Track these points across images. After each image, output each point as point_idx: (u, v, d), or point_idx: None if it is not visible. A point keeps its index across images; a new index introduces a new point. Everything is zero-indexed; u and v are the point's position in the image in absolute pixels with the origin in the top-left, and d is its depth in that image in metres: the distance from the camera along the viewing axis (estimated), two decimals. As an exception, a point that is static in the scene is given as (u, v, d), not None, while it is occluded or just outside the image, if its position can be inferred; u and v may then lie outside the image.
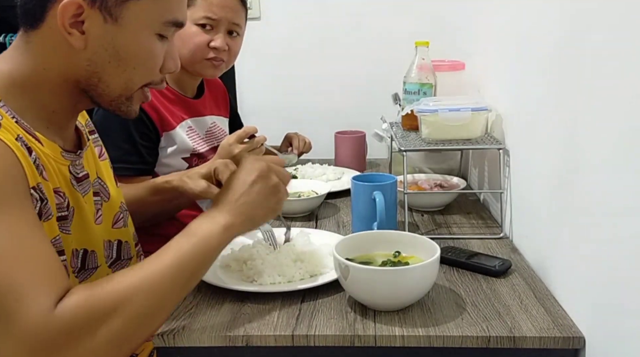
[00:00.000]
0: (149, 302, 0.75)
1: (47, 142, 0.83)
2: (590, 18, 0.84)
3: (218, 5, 1.44)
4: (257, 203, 0.89)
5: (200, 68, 1.49)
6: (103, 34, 0.80)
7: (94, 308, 0.71)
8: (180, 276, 0.79)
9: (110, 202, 0.99)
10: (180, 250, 0.80)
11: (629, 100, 0.72)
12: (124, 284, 0.74)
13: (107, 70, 0.83)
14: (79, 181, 0.90)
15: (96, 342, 0.70)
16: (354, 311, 0.92)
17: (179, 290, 0.80)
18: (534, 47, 1.10)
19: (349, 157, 1.82)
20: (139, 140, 1.38)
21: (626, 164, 0.73)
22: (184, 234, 0.83)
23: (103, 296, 0.72)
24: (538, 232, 1.08)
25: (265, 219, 0.92)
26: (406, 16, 2.12)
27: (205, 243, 0.83)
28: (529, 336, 0.84)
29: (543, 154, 1.04)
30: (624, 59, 0.74)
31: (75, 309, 0.70)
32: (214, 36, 1.45)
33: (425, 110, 1.30)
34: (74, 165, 0.89)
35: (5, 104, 0.79)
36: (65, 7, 0.77)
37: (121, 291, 0.73)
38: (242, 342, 0.87)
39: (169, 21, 0.86)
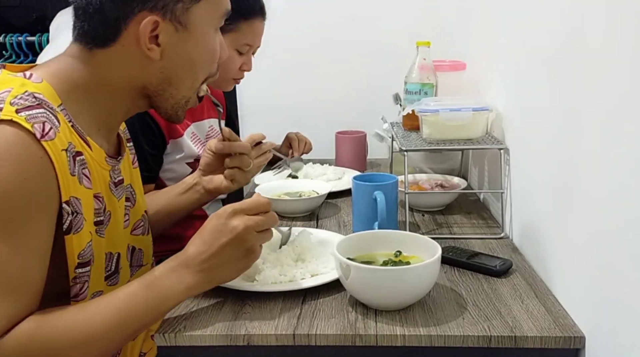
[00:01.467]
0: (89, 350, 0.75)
1: (96, 147, 0.85)
2: (591, 18, 0.84)
3: (258, 33, 1.53)
4: (225, 266, 0.85)
5: (224, 84, 1.58)
6: (176, 42, 0.85)
7: (34, 347, 0.72)
8: (126, 327, 0.78)
9: (136, 208, 1.00)
10: (135, 300, 0.79)
11: (629, 99, 0.72)
12: (66, 329, 0.74)
13: (180, 74, 0.87)
14: (116, 185, 0.92)
15: None
16: (355, 311, 0.93)
17: (122, 339, 0.80)
18: (535, 47, 1.10)
19: (349, 157, 1.82)
20: (146, 148, 1.39)
21: (626, 163, 0.73)
22: (144, 283, 0.81)
23: (45, 339, 0.73)
24: (539, 232, 1.08)
25: (227, 280, 0.90)
26: (407, 16, 2.12)
27: (162, 301, 0.81)
28: (530, 336, 0.85)
29: (543, 154, 1.05)
30: (624, 58, 0.74)
31: (22, 347, 0.71)
32: (245, 60, 1.54)
33: (426, 110, 1.30)
34: (113, 170, 0.91)
35: (65, 108, 0.80)
36: (145, 27, 0.81)
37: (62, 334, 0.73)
38: (244, 342, 0.87)
39: (223, 14, 0.91)
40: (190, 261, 0.84)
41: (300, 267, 1.03)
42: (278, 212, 1.42)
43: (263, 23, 1.53)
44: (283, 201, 1.43)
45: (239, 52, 1.51)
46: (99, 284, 0.86)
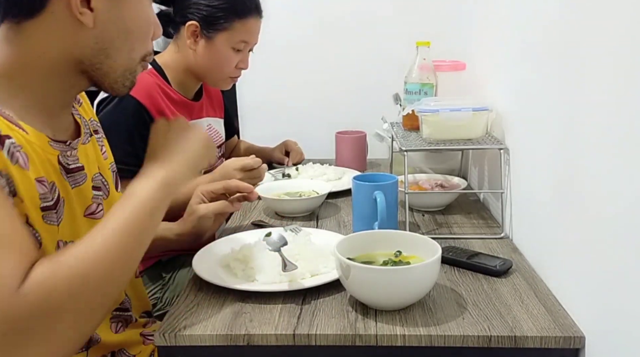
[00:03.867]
0: (106, 270, 0.75)
1: (33, 132, 0.81)
2: (591, 18, 0.84)
3: (254, 31, 1.53)
4: (188, 153, 0.90)
5: (221, 83, 1.59)
6: (110, 7, 0.81)
7: (55, 283, 0.70)
8: (129, 236, 0.78)
9: (110, 199, 0.99)
10: (124, 213, 0.79)
11: (629, 100, 0.72)
12: (77, 257, 0.73)
13: (115, 44, 0.83)
14: (70, 172, 0.88)
15: (63, 316, 0.70)
16: (355, 310, 0.93)
17: (130, 252, 0.79)
18: (535, 46, 1.10)
19: (349, 157, 1.82)
20: (139, 143, 1.38)
21: (626, 163, 0.73)
22: (125, 198, 0.82)
23: (64, 272, 0.71)
24: (539, 232, 1.08)
25: (199, 167, 0.94)
26: (407, 16, 2.12)
27: (146, 201, 0.82)
28: (530, 336, 0.85)
29: (543, 154, 1.05)
30: (625, 58, 0.74)
31: (40, 285, 0.69)
32: (241, 58, 1.54)
33: (426, 110, 1.30)
34: (64, 156, 0.87)
35: None
36: None
37: (79, 265, 0.73)
38: (244, 342, 0.87)
39: None
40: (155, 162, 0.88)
41: (300, 267, 1.02)
42: (278, 212, 1.43)
43: (259, 21, 1.54)
44: (283, 201, 1.43)
45: (235, 50, 1.51)
46: None
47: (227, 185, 1.19)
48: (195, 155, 0.93)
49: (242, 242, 1.15)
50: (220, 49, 1.50)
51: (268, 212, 1.46)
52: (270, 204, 1.45)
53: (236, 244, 1.14)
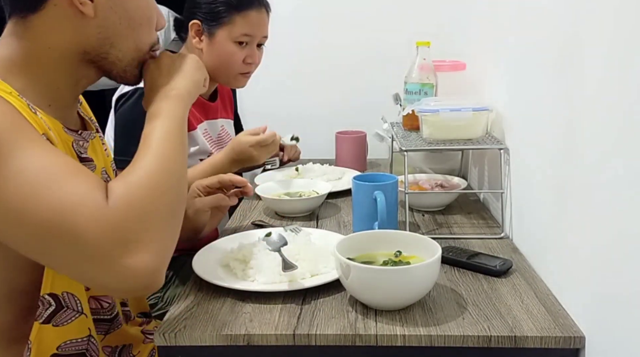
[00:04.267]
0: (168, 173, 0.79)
1: (49, 118, 0.84)
2: (591, 17, 0.84)
3: (255, 23, 1.52)
4: (184, 71, 0.93)
5: (234, 81, 1.58)
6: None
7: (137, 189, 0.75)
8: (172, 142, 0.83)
9: None
10: (160, 126, 0.84)
11: (629, 99, 0.72)
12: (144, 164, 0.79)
13: (119, 32, 0.86)
14: (82, 160, 0.90)
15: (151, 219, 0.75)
16: (355, 310, 0.93)
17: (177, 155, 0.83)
18: (535, 46, 1.10)
19: (349, 157, 1.82)
20: None
21: (626, 163, 0.73)
22: (151, 118, 0.86)
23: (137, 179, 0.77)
24: (539, 232, 1.08)
25: (199, 80, 0.97)
26: (407, 16, 2.12)
27: (171, 112, 0.86)
28: (530, 336, 0.85)
29: (543, 154, 1.05)
30: (624, 58, 0.74)
31: (125, 195, 0.73)
32: (248, 52, 1.53)
33: (426, 110, 1.30)
34: (77, 145, 0.90)
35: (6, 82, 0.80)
36: None
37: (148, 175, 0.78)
38: (244, 342, 0.87)
39: None
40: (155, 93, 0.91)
41: (300, 267, 1.02)
42: (278, 212, 1.43)
43: (262, 13, 1.53)
44: (283, 201, 1.43)
45: (238, 44, 1.51)
46: None
47: (222, 179, 1.20)
48: (192, 69, 0.95)
49: (242, 242, 1.15)
50: (222, 44, 1.50)
51: (268, 212, 1.46)
52: (270, 204, 1.45)
53: (236, 244, 1.14)
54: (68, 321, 0.86)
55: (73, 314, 0.87)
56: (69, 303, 0.86)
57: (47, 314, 0.84)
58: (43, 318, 0.84)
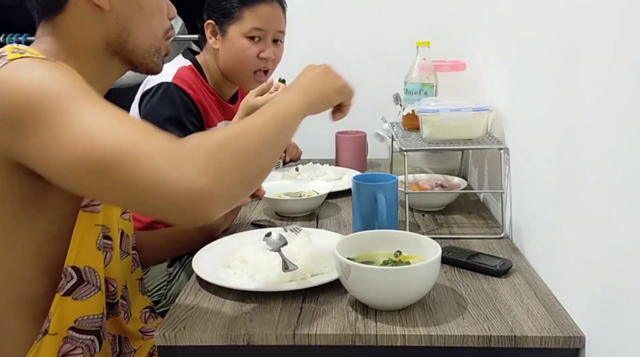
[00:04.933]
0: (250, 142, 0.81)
1: None
2: (591, 17, 0.84)
3: (266, 17, 1.53)
4: (320, 83, 1.03)
5: (247, 81, 1.58)
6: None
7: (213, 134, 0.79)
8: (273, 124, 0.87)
9: None
10: (265, 112, 0.89)
11: (629, 100, 0.72)
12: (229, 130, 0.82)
13: (134, 21, 0.92)
14: None
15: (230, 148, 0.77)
16: (355, 310, 0.93)
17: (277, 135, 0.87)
18: (535, 46, 1.10)
19: (349, 157, 1.82)
20: (189, 126, 1.44)
21: (626, 162, 0.73)
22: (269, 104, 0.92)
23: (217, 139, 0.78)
24: (539, 232, 1.08)
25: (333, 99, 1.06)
26: (407, 16, 2.12)
27: (285, 109, 0.91)
28: (530, 336, 0.85)
29: (543, 154, 1.05)
30: (624, 58, 0.74)
31: (198, 141, 0.76)
32: (262, 47, 1.54)
33: (427, 110, 1.30)
34: None
35: None
36: None
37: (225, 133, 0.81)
38: (244, 341, 0.87)
39: None
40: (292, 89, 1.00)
41: (300, 267, 1.02)
42: (278, 212, 1.43)
43: (274, 7, 1.54)
44: (283, 201, 1.43)
45: (251, 39, 1.52)
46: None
47: None
48: (332, 91, 1.05)
49: (242, 242, 1.15)
50: (234, 39, 1.52)
51: (268, 212, 1.46)
52: (270, 204, 1.45)
53: (236, 244, 1.14)
54: (87, 295, 0.91)
55: (92, 289, 0.92)
56: (89, 277, 0.91)
57: (69, 287, 0.89)
58: (64, 290, 0.88)
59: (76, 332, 0.90)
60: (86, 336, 0.92)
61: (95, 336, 0.93)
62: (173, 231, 1.23)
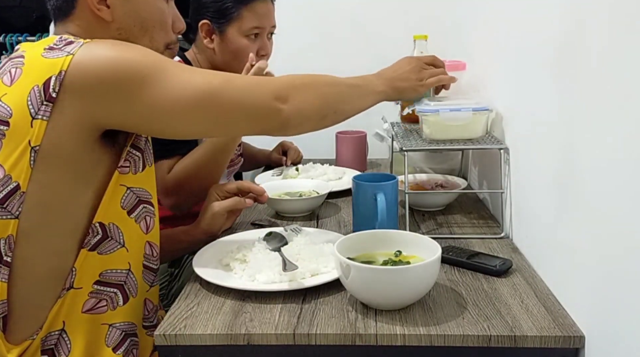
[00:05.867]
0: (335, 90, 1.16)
1: None
2: (591, 18, 0.84)
3: (263, 14, 1.53)
4: (406, 80, 1.23)
5: None
6: (124, 2, 0.96)
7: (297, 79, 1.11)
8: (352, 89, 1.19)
9: None
10: (351, 79, 1.19)
11: (629, 100, 0.72)
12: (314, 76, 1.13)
13: (135, 34, 0.98)
14: None
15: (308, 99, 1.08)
16: (355, 310, 0.93)
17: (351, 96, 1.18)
18: (535, 46, 1.10)
19: (350, 157, 1.82)
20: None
21: (626, 162, 0.73)
22: (359, 76, 1.19)
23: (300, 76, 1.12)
24: (539, 232, 1.08)
25: (407, 94, 1.26)
26: (406, 15, 2.12)
27: (366, 84, 1.20)
28: (530, 335, 0.85)
29: (543, 154, 1.05)
30: (625, 59, 0.74)
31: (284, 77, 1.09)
32: (261, 44, 1.55)
33: (427, 110, 1.30)
34: None
35: None
36: None
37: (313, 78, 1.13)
38: (244, 341, 0.87)
39: None
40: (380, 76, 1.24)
41: (300, 267, 1.03)
42: (278, 212, 1.43)
43: (267, 3, 1.54)
44: (283, 201, 1.43)
45: (250, 38, 1.52)
46: None
47: (241, 186, 1.26)
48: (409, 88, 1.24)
49: (242, 242, 1.15)
50: (234, 40, 1.52)
51: (268, 212, 1.46)
52: (270, 204, 1.45)
53: (236, 244, 1.14)
54: (111, 250, 0.96)
55: (115, 245, 0.95)
56: (113, 234, 0.94)
57: (94, 242, 0.93)
58: (90, 245, 0.92)
59: (100, 286, 0.94)
60: (110, 288, 0.96)
61: (119, 289, 0.97)
62: (174, 232, 1.23)
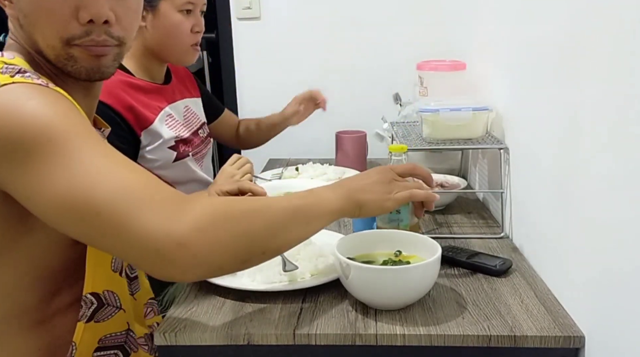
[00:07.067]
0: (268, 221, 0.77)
1: None
2: (591, 17, 0.84)
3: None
4: (372, 193, 0.91)
5: (185, 56, 1.51)
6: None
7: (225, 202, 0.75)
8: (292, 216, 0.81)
9: None
10: (294, 199, 0.84)
11: (629, 99, 0.72)
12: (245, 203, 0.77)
13: (33, 22, 0.82)
14: None
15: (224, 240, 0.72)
16: (355, 310, 0.93)
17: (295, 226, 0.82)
18: (535, 46, 1.10)
19: (350, 157, 1.82)
20: (117, 143, 1.34)
21: (626, 162, 0.73)
22: (306, 191, 0.87)
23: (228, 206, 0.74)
24: (538, 232, 1.08)
25: (372, 211, 0.92)
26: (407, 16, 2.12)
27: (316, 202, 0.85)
28: (530, 335, 0.85)
29: (543, 154, 1.05)
30: (625, 59, 0.74)
31: (207, 202, 0.72)
32: (194, 21, 1.48)
33: (427, 110, 1.30)
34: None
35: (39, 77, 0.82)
36: None
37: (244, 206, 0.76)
38: (244, 341, 0.87)
39: None
40: (342, 185, 0.91)
41: (300, 267, 1.02)
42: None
43: None
44: (283, 201, 1.42)
45: (184, 13, 1.47)
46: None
47: (242, 187, 1.22)
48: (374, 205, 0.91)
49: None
50: (168, 15, 1.46)
51: (268, 212, 1.45)
52: (270, 204, 1.45)
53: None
54: (109, 316, 0.90)
55: (113, 310, 0.91)
56: (109, 300, 0.90)
57: (90, 313, 0.88)
58: (87, 317, 0.87)
59: (100, 351, 0.90)
60: (110, 351, 0.91)
61: (120, 349, 0.93)
62: None
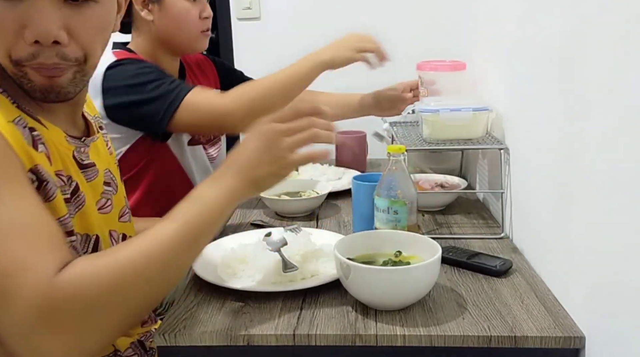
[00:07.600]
0: (153, 271, 0.74)
1: (51, 126, 0.85)
2: (591, 17, 0.84)
3: None
4: (259, 167, 0.86)
5: (196, 43, 1.51)
6: None
7: (98, 276, 0.70)
8: (185, 242, 0.78)
9: (119, 194, 1.01)
10: (186, 216, 0.80)
11: (629, 98, 0.72)
12: (127, 253, 0.74)
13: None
14: (83, 167, 0.91)
15: (101, 311, 0.70)
16: (355, 311, 0.93)
17: (184, 256, 0.79)
18: (535, 46, 1.10)
19: (349, 157, 1.82)
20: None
21: (626, 163, 0.73)
22: (189, 200, 0.82)
23: (107, 266, 0.72)
24: (539, 232, 1.08)
25: (269, 184, 0.89)
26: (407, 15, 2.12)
27: (210, 209, 0.82)
28: (530, 336, 0.85)
29: (543, 154, 1.05)
30: (625, 59, 0.74)
31: (79, 277, 0.69)
32: (201, 7, 1.47)
33: (427, 110, 1.30)
34: (78, 152, 0.90)
35: (5, 90, 0.80)
36: None
37: (124, 261, 0.73)
38: (244, 342, 0.87)
39: None
40: (225, 169, 0.86)
41: (300, 267, 1.02)
42: (278, 212, 1.43)
43: None
44: (283, 201, 1.43)
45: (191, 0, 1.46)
46: None
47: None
48: (267, 173, 0.87)
49: (242, 242, 1.15)
50: (175, 4, 1.44)
51: (268, 212, 1.46)
52: (270, 204, 1.45)
53: (236, 244, 1.14)
54: None
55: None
56: None
57: None
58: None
59: None
60: None
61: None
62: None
